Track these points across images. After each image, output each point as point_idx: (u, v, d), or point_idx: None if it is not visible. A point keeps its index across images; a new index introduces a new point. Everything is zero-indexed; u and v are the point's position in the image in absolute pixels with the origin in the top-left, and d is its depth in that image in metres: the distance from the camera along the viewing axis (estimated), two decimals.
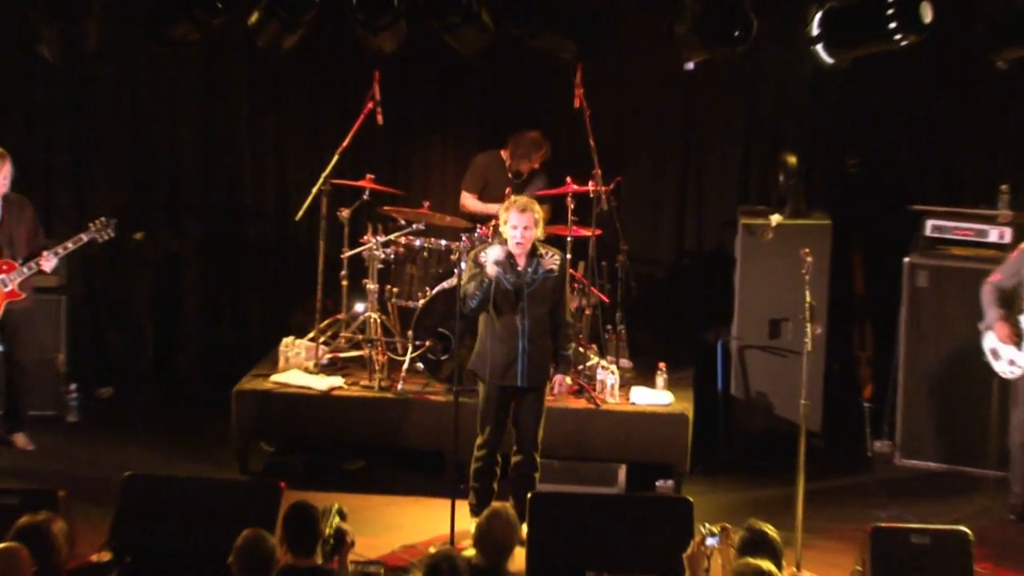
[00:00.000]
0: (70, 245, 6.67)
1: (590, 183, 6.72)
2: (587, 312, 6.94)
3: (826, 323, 6.84)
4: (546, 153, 7.27)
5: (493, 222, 6.87)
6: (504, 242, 5.58)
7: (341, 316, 7.13)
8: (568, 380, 5.90)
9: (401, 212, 7.04)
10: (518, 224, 5.47)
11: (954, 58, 7.19)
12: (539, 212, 5.56)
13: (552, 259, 5.62)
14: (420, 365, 6.71)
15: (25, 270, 6.59)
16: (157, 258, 8.04)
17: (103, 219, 6.73)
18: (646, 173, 7.88)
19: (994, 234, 6.86)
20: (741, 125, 7.77)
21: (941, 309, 6.86)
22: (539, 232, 5.61)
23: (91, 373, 7.68)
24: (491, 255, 5.48)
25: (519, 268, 5.53)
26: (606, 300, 7.10)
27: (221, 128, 8.05)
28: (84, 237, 6.67)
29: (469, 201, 7.38)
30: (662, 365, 6.72)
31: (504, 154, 7.33)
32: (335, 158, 6.90)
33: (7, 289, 6.57)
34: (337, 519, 4.52)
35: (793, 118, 7.70)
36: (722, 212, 7.72)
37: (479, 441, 5.76)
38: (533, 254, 5.58)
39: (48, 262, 6.60)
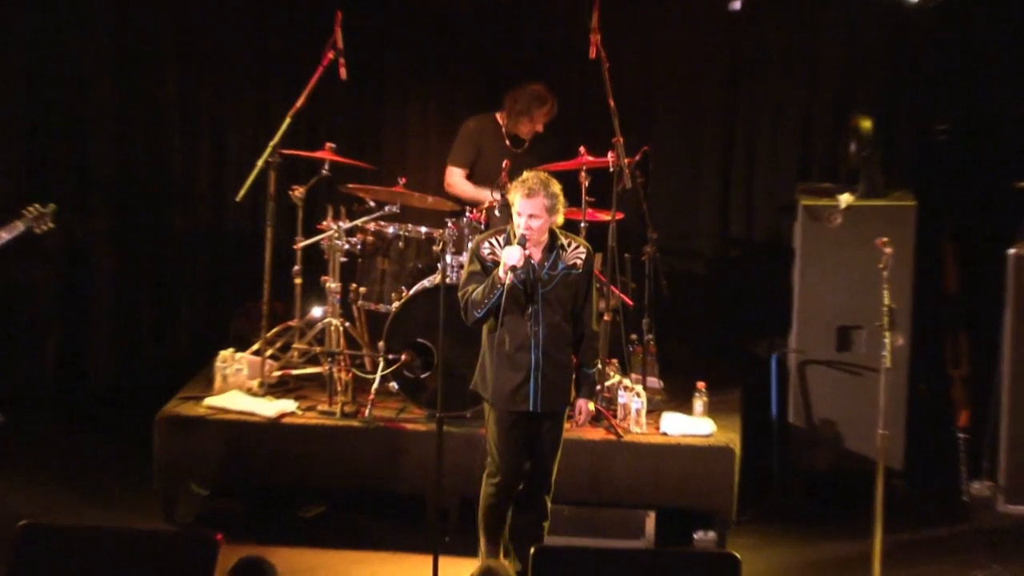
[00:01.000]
0: (4, 235, 6.65)
1: (609, 154, 6.71)
2: (606, 318, 6.84)
3: (910, 332, 6.87)
4: (552, 111, 7.28)
5: (487, 204, 6.93)
6: (522, 238, 5.55)
7: (294, 323, 7.18)
8: (592, 407, 5.91)
9: (370, 191, 7.07)
10: (523, 211, 5.47)
11: None
12: (555, 193, 5.55)
13: (576, 252, 5.62)
14: (394, 385, 6.76)
15: None
16: (60, 250, 8.05)
17: (38, 206, 6.72)
18: (680, 142, 7.91)
19: None
20: (801, 80, 7.81)
21: None
22: (558, 218, 5.61)
23: None
24: (508, 257, 5.44)
25: (533, 262, 5.53)
26: (630, 303, 7.10)
27: (141, 84, 8.07)
28: (20, 226, 6.63)
29: (456, 179, 7.40)
30: (701, 385, 6.75)
31: (500, 117, 7.35)
32: (286, 122, 6.91)
33: None
34: None
35: (868, 71, 7.73)
36: (777, 191, 7.76)
37: (490, 469, 5.71)
38: (552, 245, 5.57)
39: None
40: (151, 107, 8.08)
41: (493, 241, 5.61)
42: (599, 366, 5.85)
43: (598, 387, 6.67)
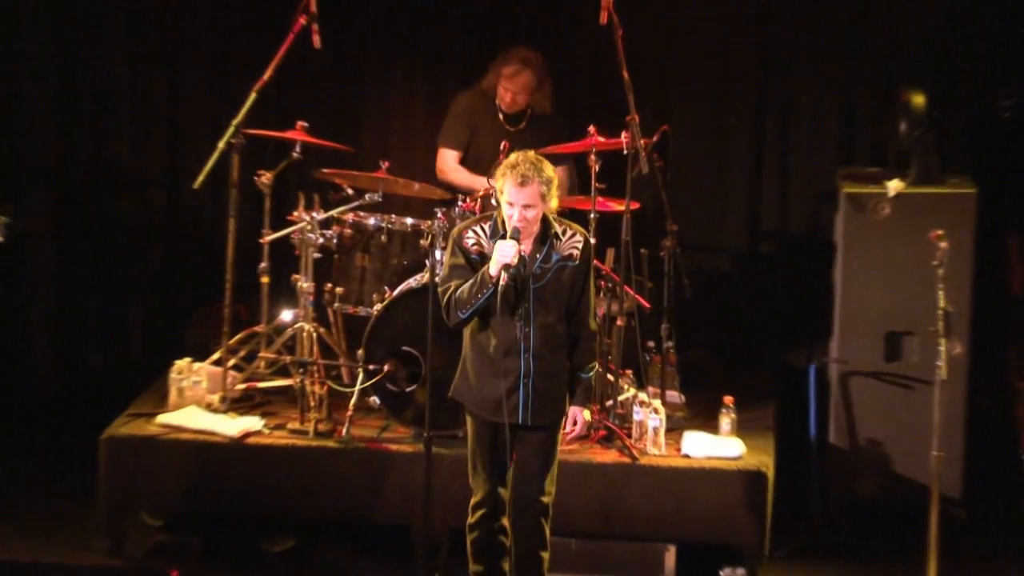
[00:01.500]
0: None
1: (623, 135, 6.68)
2: (619, 323, 6.88)
3: (969, 339, 6.85)
4: (540, 76, 7.28)
5: (482, 193, 6.90)
6: (516, 231, 5.51)
7: (260, 328, 7.18)
8: (588, 416, 5.88)
9: (348, 177, 7.05)
10: (516, 200, 5.43)
11: None
12: (550, 178, 5.52)
13: (572, 241, 5.59)
14: (375, 400, 6.75)
15: None
16: None
17: None
18: (705, 120, 7.92)
19: None
20: (844, 49, 7.82)
21: None
22: (552, 203, 5.59)
23: None
24: (501, 254, 5.41)
25: (523, 254, 5.51)
26: (647, 305, 7.08)
27: (84, 55, 8.07)
28: None
29: (449, 163, 7.41)
30: (729, 400, 6.73)
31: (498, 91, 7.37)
32: (251, 98, 6.90)
33: None
34: None
35: (920, 39, 7.74)
36: (816, 177, 7.77)
37: (474, 500, 5.76)
38: (545, 234, 5.55)
39: None
40: (95, 81, 8.09)
41: (477, 230, 5.57)
42: (596, 370, 5.78)
43: (608, 402, 6.66)
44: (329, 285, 7.08)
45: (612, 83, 6.78)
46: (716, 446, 6.61)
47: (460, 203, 6.89)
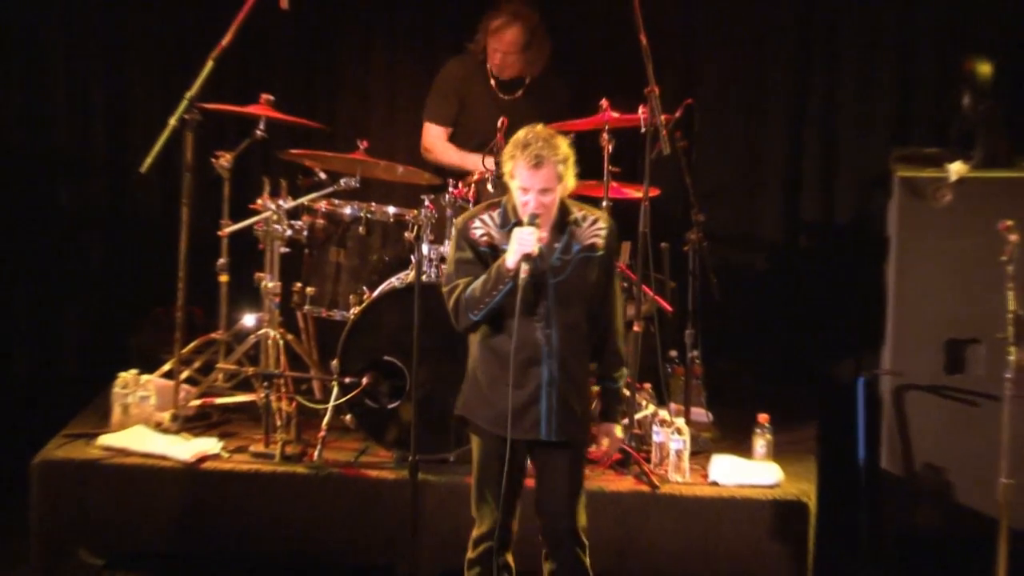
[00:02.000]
0: None
1: (641, 110, 6.70)
2: (636, 328, 6.87)
3: None
4: (533, 33, 7.31)
5: (476, 176, 6.89)
6: (534, 216, 5.48)
7: (218, 335, 7.22)
8: (620, 432, 5.86)
9: (320, 159, 7.08)
10: (530, 185, 5.42)
11: None
12: (566, 156, 5.50)
13: (593, 229, 5.59)
14: (351, 418, 6.73)
15: None
16: None
17: None
18: (736, 92, 7.96)
19: None
20: (897, 10, 7.85)
21: None
22: (568, 183, 5.52)
23: None
24: (521, 243, 5.38)
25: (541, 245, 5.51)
26: (668, 308, 7.10)
27: (14, 22, 8.08)
28: None
29: (436, 141, 7.45)
30: (763, 418, 6.75)
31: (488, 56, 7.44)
32: (208, 66, 6.91)
33: None
34: None
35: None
36: (866, 159, 7.80)
37: (477, 532, 5.66)
38: (562, 221, 5.55)
39: None
40: (26, 49, 8.12)
41: (486, 219, 5.54)
42: (626, 377, 5.78)
43: (624, 421, 6.60)
44: (298, 285, 7.09)
45: (628, 49, 6.77)
46: (749, 472, 6.62)
47: (451, 189, 6.87)
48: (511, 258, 5.38)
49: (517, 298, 5.36)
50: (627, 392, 5.91)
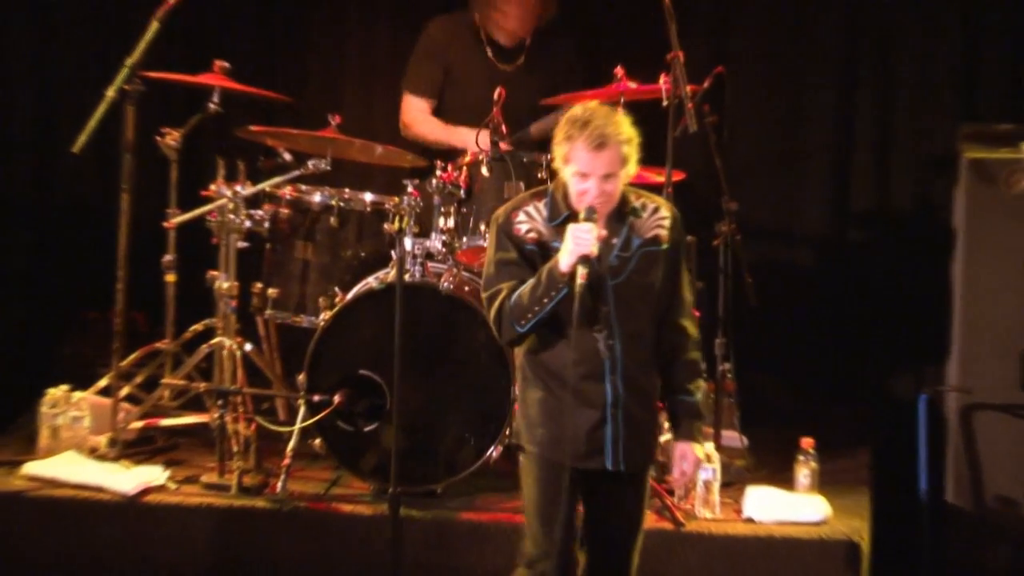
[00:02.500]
0: None
1: (662, 79, 6.73)
2: None
3: None
4: None
5: (469, 157, 6.87)
6: (591, 210, 5.46)
7: (164, 344, 7.24)
8: (701, 453, 5.77)
9: (285, 137, 7.10)
10: (592, 169, 5.40)
11: None
12: (630, 136, 5.42)
13: (655, 219, 5.59)
14: (321, 443, 6.71)
15: None
16: None
17: None
18: (775, 59, 7.98)
19: None
20: None
21: None
22: (631, 167, 5.45)
23: None
24: (578, 241, 5.33)
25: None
26: (695, 313, 6.94)
27: None
28: None
29: (417, 114, 7.49)
30: (807, 443, 6.74)
31: (478, 18, 7.45)
32: (152, 28, 6.91)
33: None
34: None
35: None
36: (927, 137, 7.83)
37: (530, 553, 5.62)
38: (620, 212, 5.54)
39: None
40: None
41: (531, 211, 5.51)
42: (703, 390, 5.75)
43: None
44: (259, 285, 7.10)
45: (648, 9, 6.75)
46: (790, 507, 6.62)
47: (439, 172, 6.86)
48: (566, 259, 5.33)
49: (574, 307, 5.30)
50: (703, 408, 5.84)
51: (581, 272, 5.29)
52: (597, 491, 5.58)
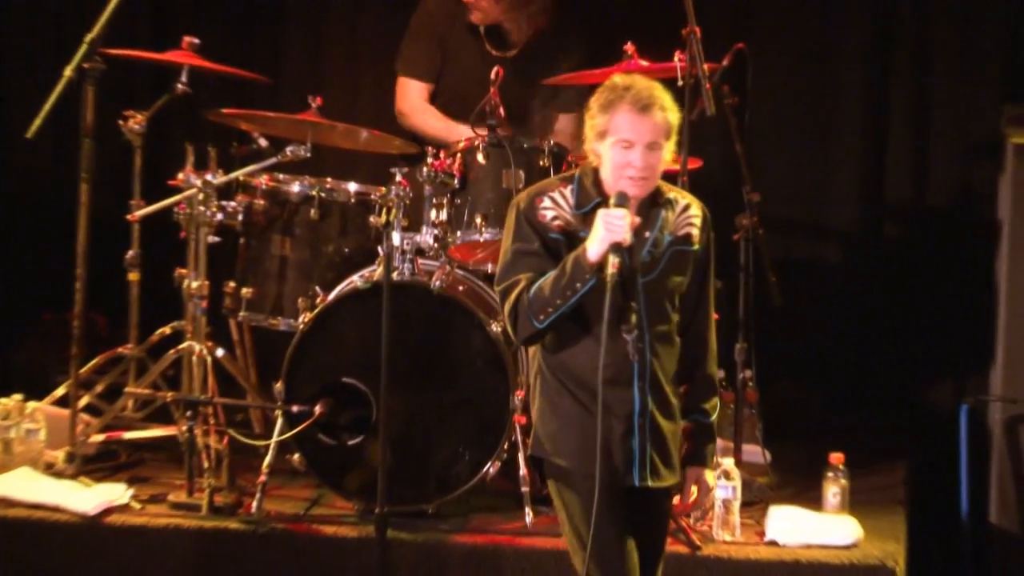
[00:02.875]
0: None
1: (677, 57, 6.78)
2: None
3: None
4: None
5: (463, 144, 6.92)
6: (623, 191, 5.41)
7: (127, 349, 7.27)
8: (712, 480, 5.79)
9: (261, 121, 7.12)
10: (637, 136, 5.37)
11: None
12: (674, 110, 5.42)
13: (687, 217, 5.60)
14: (300, 458, 6.71)
15: None
16: None
17: None
18: (801, 36, 8.02)
19: None
20: None
21: None
22: (668, 151, 5.44)
23: None
24: (610, 227, 5.31)
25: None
26: (713, 315, 7.00)
27: None
28: None
29: (417, 101, 7.52)
30: (837, 458, 6.76)
31: None
32: (113, 1, 6.92)
33: None
34: None
35: None
36: (968, 120, 7.85)
37: None
38: (652, 203, 5.55)
39: None
40: None
41: (556, 197, 5.48)
42: (718, 409, 5.75)
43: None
44: (232, 284, 7.15)
45: None
46: (818, 529, 6.61)
47: (430, 159, 6.87)
48: (595, 247, 5.30)
49: (605, 300, 5.28)
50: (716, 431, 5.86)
51: (613, 261, 5.26)
52: (630, 509, 5.55)
